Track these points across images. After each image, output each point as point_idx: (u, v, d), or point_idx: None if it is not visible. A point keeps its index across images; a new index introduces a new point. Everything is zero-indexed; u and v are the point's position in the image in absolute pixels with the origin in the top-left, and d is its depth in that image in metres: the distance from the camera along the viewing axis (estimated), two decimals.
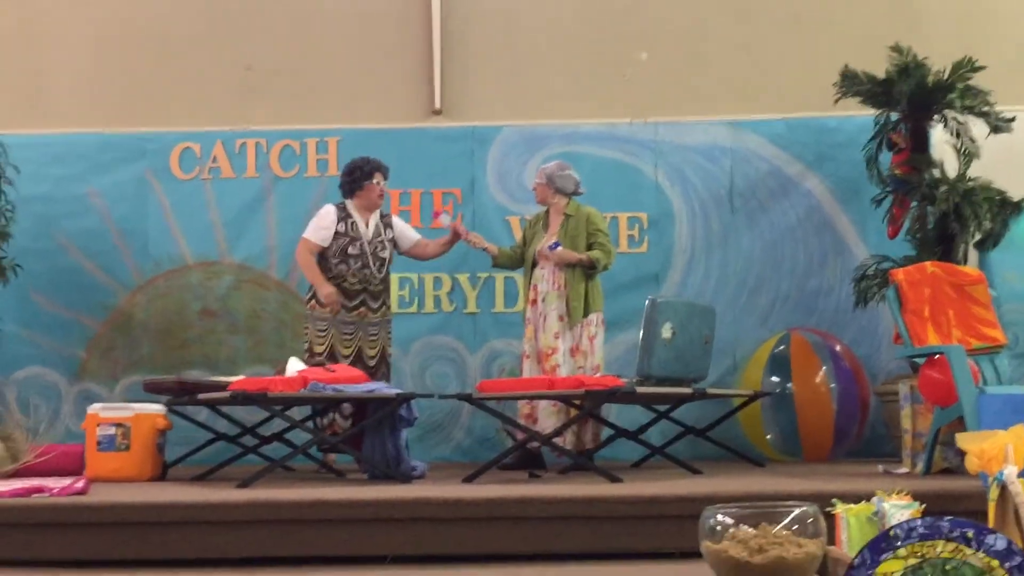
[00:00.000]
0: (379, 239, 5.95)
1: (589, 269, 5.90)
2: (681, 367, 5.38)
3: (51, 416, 6.83)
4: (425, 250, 6.22)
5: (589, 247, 5.93)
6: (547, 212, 6.13)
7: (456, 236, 6.15)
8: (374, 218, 6.00)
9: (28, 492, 4.27)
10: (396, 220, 6.19)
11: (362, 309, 5.86)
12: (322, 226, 5.92)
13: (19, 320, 7.10)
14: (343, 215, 5.94)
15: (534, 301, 5.97)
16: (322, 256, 5.89)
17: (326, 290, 5.77)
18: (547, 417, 5.74)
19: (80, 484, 4.43)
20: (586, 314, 5.89)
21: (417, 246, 6.18)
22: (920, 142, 6.45)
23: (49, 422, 6.46)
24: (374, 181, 5.94)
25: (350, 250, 5.86)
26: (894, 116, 6.54)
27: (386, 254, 5.97)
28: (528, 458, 5.64)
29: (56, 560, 3.94)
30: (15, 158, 6.81)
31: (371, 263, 5.88)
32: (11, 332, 7.02)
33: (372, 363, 5.83)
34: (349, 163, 6.08)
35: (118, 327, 7.21)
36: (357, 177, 5.95)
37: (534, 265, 6.02)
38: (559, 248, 5.86)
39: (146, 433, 5.47)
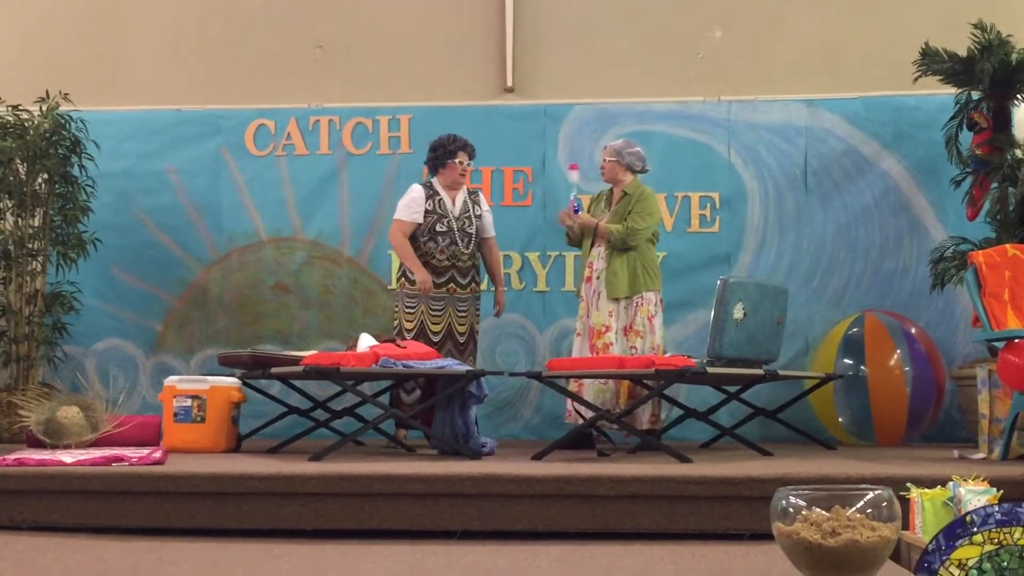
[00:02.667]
0: (466, 215, 5.98)
1: (624, 249, 5.87)
2: (752, 348, 5.34)
3: (129, 387, 7.00)
4: (489, 258, 6.19)
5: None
6: (611, 190, 6.09)
7: (500, 304, 6.25)
8: (461, 194, 6.02)
9: (108, 461, 4.37)
10: (483, 201, 6.19)
11: (451, 285, 5.90)
12: (412, 206, 5.96)
13: (99, 293, 7.26)
14: (430, 193, 5.98)
15: (589, 278, 5.97)
16: (412, 236, 5.93)
17: (421, 276, 5.84)
18: (594, 395, 5.73)
19: (158, 454, 4.52)
20: (634, 292, 5.85)
21: (488, 244, 6.15)
22: (1002, 121, 6.32)
23: (127, 393, 6.62)
24: (456, 160, 5.95)
25: (438, 227, 5.90)
26: (975, 95, 6.41)
27: (473, 230, 5.99)
28: (579, 437, 5.58)
29: (134, 527, 4.03)
30: (95, 134, 6.97)
31: (459, 240, 5.92)
32: (91, 305, 7.18)
33: (463, 340, 5.88)
34: (435, 140, 6.10)
35: (194, 301, 7.35)
36: (440, 155, 5.99)
37: (592, 243, 5.99)
38: (580, 213, 5.93)
39: (221, 405, 5.55)
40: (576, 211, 5.97)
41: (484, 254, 6.16)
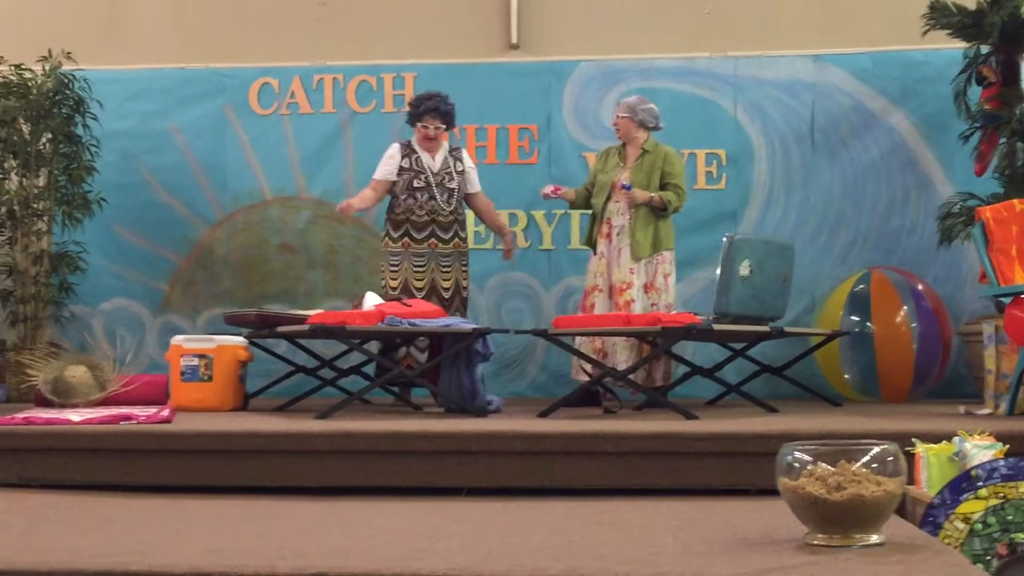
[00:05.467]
0: (447, 171, 5.93)
1: (660, 210, 5.85)
2: (758, 305, 5.33)
3: (136, 347, 7.02)
4: (483, 212, 6.18)
5: (663, 187, 5.87)
6: (623, 146, 6.06)
7: (508, 248, 6.22)
8: (441, 152, 5.97)
9: (116, 419, 4.40)
10: (467, 157, 6.11)
11: (432, 240, 5.89)
12: (385, 164, 5.98)
13: (105, 253, 7.26)
14: (407, 151, 5.96)
15: (608, 235, 5.94)
16: (393, 194, 5.93)
17: (347, 201, 5.91)
18: (620, 352, 5.74)
19: (166, 413, 4.55)
20: (655, 251, 5.85)
21: (477, 200, 6.10)
22: (1011, 75, 6.25)
23: (134, 353, 6.64)
24: (421, 124, 5.91)
25: (415, 183, 5.88)
26: (984, 49, 6.34)
27: (454, 185, 5.94)
28: (585, 395, 5.59)
29: (142, 485, 4.06)
30: (98, 93, 6.95)
31: (437, 195, 5.88)
32: (97, 264, 7.19)
33: (447, 295, 5.86)
34: (415, 96, 6.12)
35: (199, 261, 7.35)
36: (411, 114, 5.98)
37: (608, 198, 5.97)
38: (632, 189, 5.81)
39: (228, 364, 5.56)
40: (626, 189, 5.85)
41: (477, 209, 6.15)
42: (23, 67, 6.73)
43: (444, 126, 5.94)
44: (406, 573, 2.43)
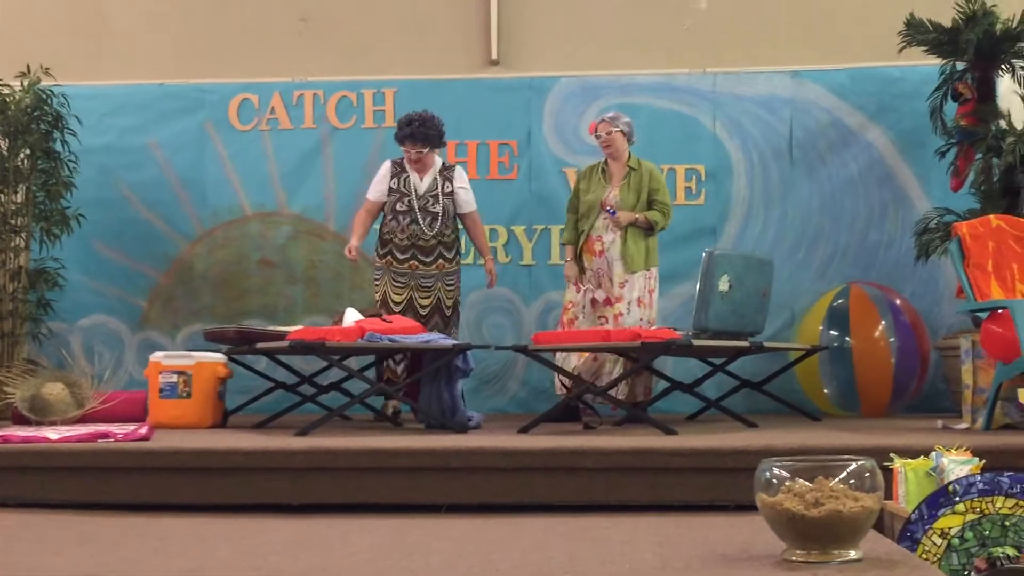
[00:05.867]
0: (432, 193, 5.90)
1: (647, 230, 5.87)
2: (738, 320, 5.35)
3: (114, 364, 6.99)
4: (470, 232, 6.14)
5: (649, 204, 5.88)
6: (605, 163, 6.05)
7: (489, 272, 6.17)
8: (432, 171, 5.94)
9: (94, 437, 4.37)
10: (460, 176, 6.04)
11: (412, 262, 5.87)
12: (376, 184, 6.00)
13: (83, 269, 7.23)
14: (397, 170, 5.95)
15: (601, 252, 5.92)
16: (383, 211, 5.97)
17: (350, 244, 5.97)
18: (617, 367, 5.73)
19: (144, 430, 4.52)
20: (647, 267, 5.86)
21: (467, 220, 6.06)
22: (986, 92, 6.32)
23: (112, 369, 6.61)
24: (403, 148, 5.90)
25: (398, 207, 5.87)
26: (960, 65, 6.41)
27: (438, 209, 5.89)
28: (565, 410, 5.60)
29: (120, 503, 4.04)
30: (77, 109, 6.92)
31: (420, 219, 5.86)
32: (75, 280, 7.15)
33: (424, 312, 5.84)
34: (400, 118, 6.05)
35: (179, 277, 7.33)
36: (397, 136, 5.95)
37: (596, 215, 5.94)
38: (617, 214, 5.82)
39: (207, 381, 5.55)
40: (612, 214, 5.84)
41: (466, 228, 6.13)
42: (1, 83, 6.70)
43: (427, 149, 5.87)
44: None
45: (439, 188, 5.92)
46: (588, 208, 5.96)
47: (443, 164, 6.03)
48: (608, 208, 5.83)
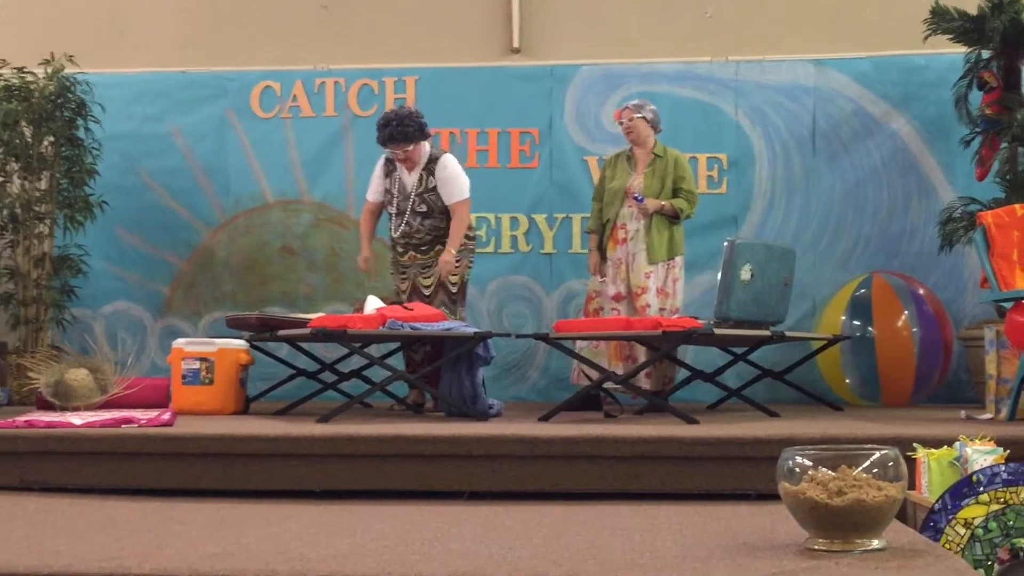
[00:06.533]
0: (420, 191, 5.77)
1: (673, 217, 5.85)
2: (759, 309, 5.33)
3: (137, 350, 7.03)
4: (452, 220, 5.76)
5: (674, 192, 5.87)
6: (631, 150, 6.03)
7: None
8: (419, 166, 5.78)
9: (118, 423, 4.40)
10: (443, 166, 5.76)
11: (411, 254, 5.83)
12: (371, 184, 5.97)
13: (106, 256, 7.27)
14: (389, 168, 5.89)
15: (624, 240, 5.90)
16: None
17: (361, 255, 5.95)
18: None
19: (167, 416, 4.55)
20: (671, 256, 5.85)
21: (452, 208, 5.75)
22: (1012, 81, 6.26)
23: (135, 356, 6.64)
24: (388, 149, 5.78)
25: (390, 208, 5.85)
26: (985, 54, 6.36)
27: (424, 208, 5.76)
28: (586, 399, 5.60)
29: (143, 488, 4.07)
30: (100, 96, 6.96)
31: (411, 220, 5.78)
32: (99, 267, 7.19)
33: (427, 292, 5.79)
34: (379, 119, 5.82)
35: (201, 264, 7.35)
36: (377, 139, 5.75)
37: (620, 204, 5.93)
38: (644, 201, 5.80)
39: (229, 368, 5.57)
40: (639, 201, 5.80)
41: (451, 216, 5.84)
42: (25, 70, 6.74)
43: (410, 146, 5.71)
44: None
45: (424, 185, 5.78)
46: (612, 195, 5.96)
47: (430, 155, 5.81)
48: (635, 195, 5.82)
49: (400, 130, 5.65)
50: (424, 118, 5.76)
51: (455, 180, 5.77)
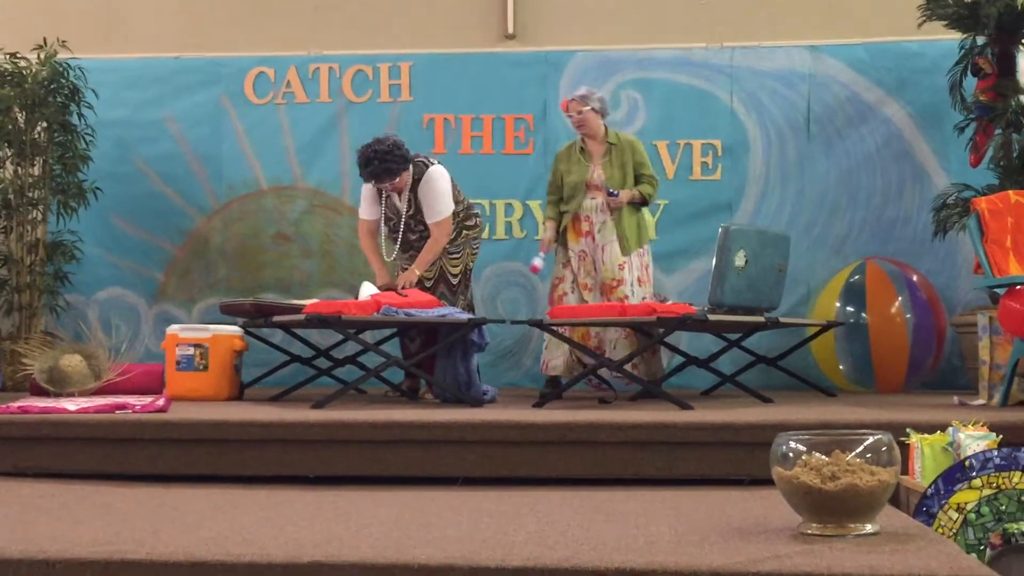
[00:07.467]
0: (412, 213, 5.73)
1: (640, 203, 5.84)
2: (753, 296, 5.34)
3: (131, 336, 7.03)
4: (430, 238, 5.69)
5: (636, 179, 5.84)
6: (581, 141, 5.91)
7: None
8: (406, 191, 5.72)
9: (112, 408, 4.40)
10: (424, 184, 5.65)
11: (413, 252, 5.81)
12: (364, 203, 5.85)
13: (100, 242, 7.25)
14: (379, 191, 5.79)
15: (589, 233, 5.82)
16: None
17: (379, 280, 5.76)
18: (620, 348, 5.72)
19: (161, 402, 4.55)
20: (641, 244, 5.83)
21: (431, 227, 5.68)
22: (1007, 67, 6.26)
23: (129, 342, 6.64)
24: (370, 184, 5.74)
25: (387, 228, 5.79)
26: (980, 40, 6.34)
27: (415, 236, 5.75)
28: (552, 383, 5.68)
29: (137, 474, 4.07)
30: (93, 82, 6.92)
31: (410, 237, 5.76)
32: (92, 253, 7.18)
33: (428, 284, 5.78)
34: (358, 155, 5.70)
35: (195, 251, 7.34)
36: (361, 175, 5.70)
37: (584, 197, 5.82)
38: (620, 195, 5.73)
39: (223, 354, 5.56)
40: (614, 196, 5.69)
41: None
42: (18, 56, 6.71)
43: (396, 179, 5.64)
44: (401, 562, 2.44)
45: (414, 207, 5.73)
46: (572, 189, 5.83)
47: (414, 176, 5.70)
48: (609, 191, 5.75)
49: (384, 167, 5.57)
50: (404, 146, 5.64)
51: (437, 199, 5.66)
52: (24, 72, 6.68)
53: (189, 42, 7.47)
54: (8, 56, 6.71)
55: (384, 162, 5.56)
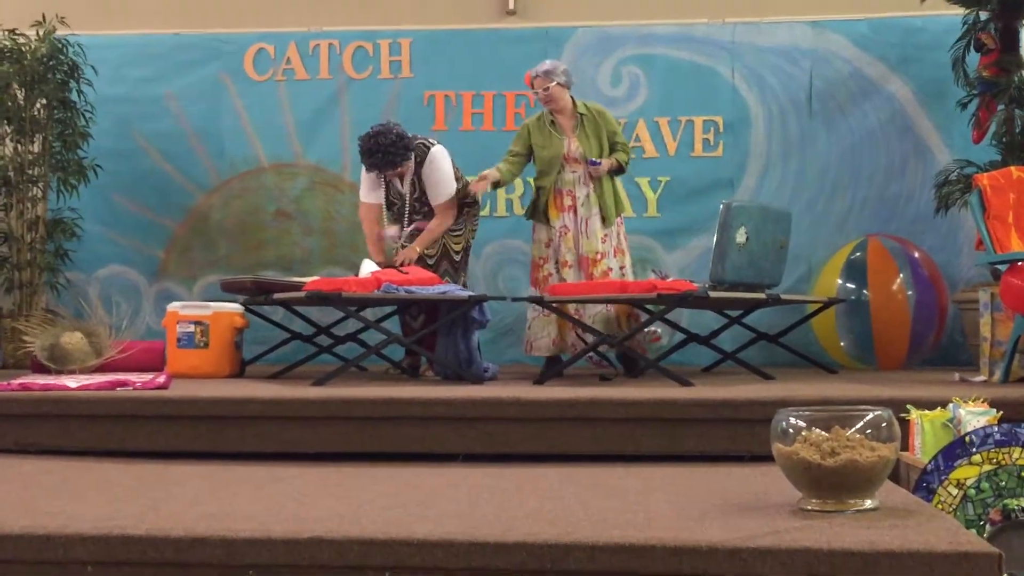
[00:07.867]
0: (415, 198, 5.77)
1: (617, 172, 5.83)
2: (755, 272, 5.33)
3: (132, 313, 7.04)
4: (434, 219, 5.79)
5: (611, 147, 5.83)
6: (549, 114, 5.83)
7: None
8: (408, 175, 5.76)
9: (113, 386, 4.40)
10: (428, 170, 5.73)
11: (419, 234, 5.80)
12: (365, 186, 5.89)
13: (100, 219, 7.24)
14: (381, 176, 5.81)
15: (572, 207, 5.76)
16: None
17: (375, 269, 5.70)
18: (599, 325, 5.69)
19: (162, 379, 4.55)
20: (619, 213, 5.83)
21: (435, 208, 5.78)
22: (1010, 42, 6.22)
23: (130, 319, 6.65)
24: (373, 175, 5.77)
25: (391, 212, 5.80)
26: (983, 16, 6.31)
27: (420, 217, 5.78)
28: (552, 362, 5.70)
29: (138, 451, 4.08)
30: (93, 59, 6.90)
31: (414, 221, 5.78)
32: (93, 231, 7.17)
33: (431, 261, 5.78)
34: (360, 145, 5.72)
35: (195, 228, 7.33)
36: (363, 164, 5.74)
37: (560, 170, 5.78)
38: (601, 164, 5.71)
39: (224, 331, 5.56)
40: (595, 165, 5.68)
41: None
42: (17, 32, 6.69)
43: (398, 167, 5.68)
44: (401, 538, 2.44)
45: (418, 189, 5.77)
46: (548, 164, 5.78)
47: (416, 159, 5.74)
48: (592, 161, 5.71)
49: (387, 159, 5.60)
50: (407, 136, 5.66)
51: (442, 180, 5.73)
52: (23, 49, 6.66)
53: (188, 18, 7.44)
54: (7, 33, 6.68)
55: (387, 154, 5.60)
